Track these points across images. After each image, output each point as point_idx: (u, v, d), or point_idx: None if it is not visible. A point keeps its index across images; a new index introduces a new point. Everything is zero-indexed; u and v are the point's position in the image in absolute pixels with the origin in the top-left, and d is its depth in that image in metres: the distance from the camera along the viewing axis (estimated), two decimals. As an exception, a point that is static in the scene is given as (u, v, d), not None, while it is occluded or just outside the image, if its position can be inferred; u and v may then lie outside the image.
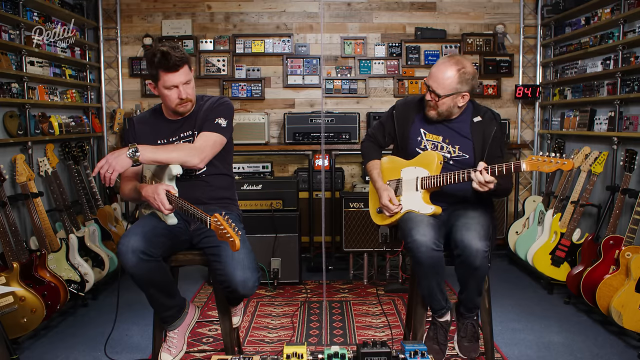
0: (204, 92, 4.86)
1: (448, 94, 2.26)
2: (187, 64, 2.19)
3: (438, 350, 2.30)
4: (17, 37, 3.53)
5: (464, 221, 2.21)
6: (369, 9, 4.90)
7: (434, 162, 2.31)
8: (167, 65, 2.14)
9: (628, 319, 2.87)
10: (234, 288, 2.06)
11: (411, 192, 2.36)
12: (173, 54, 2.12)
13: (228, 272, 2.06)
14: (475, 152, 2.34)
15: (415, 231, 2.14)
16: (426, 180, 2.30)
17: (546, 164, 2.01)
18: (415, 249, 2.12)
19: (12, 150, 3.43)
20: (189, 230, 2.30)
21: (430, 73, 2.31)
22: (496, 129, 2.34)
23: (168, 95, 2.21)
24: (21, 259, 2.94)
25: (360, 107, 4.89)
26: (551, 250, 3.73)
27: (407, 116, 2.45)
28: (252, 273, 2.08)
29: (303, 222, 4.31)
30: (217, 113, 2.27)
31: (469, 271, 2.15)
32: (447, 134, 2.38)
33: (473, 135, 2.35)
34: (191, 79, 2.24)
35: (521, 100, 4.90)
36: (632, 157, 3.23)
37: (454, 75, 2.24)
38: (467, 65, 2.28)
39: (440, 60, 2.32)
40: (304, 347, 1.82)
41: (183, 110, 2.27)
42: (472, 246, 2.09)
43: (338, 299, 3.71)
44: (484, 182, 2.11)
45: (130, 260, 2.02)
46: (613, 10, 3.74)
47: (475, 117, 2.37)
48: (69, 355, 2.84)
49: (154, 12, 4.87)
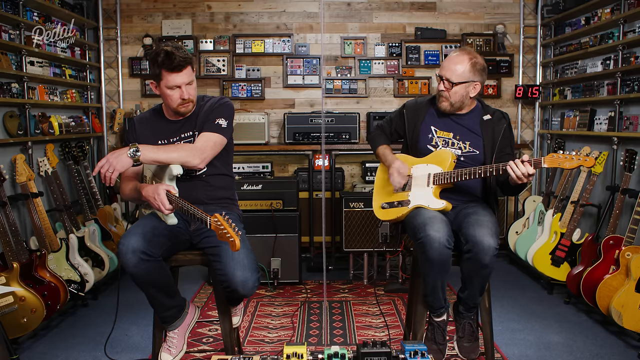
0: (204, 92, 4.87)
1: (461, 81, 2.31)
2: (190, 65, 2.19)
3: (437, 351, 2.30)
4: (17, 37, 3.53)
5: (474, 218, 2.20)
6: (369, 9, 4.90)
7: (448, 159, 2.32)
8: (171, 65, 2.14)
9: (628, 319, 2.87)
10: (234, 288, 2.06)
11: (421, 187, 2.36)
12: (177, 54, 2.12)
13: (228, 272, 2.05)
14: (485, 148, 2.37)
15: (429, 227, 2.11)
16: (439, 176, 2.31)
17: (567, 160, 2.06)
18: (428, 245, 2.09)
19: (12, 150, 3.43)
20: (189, 231, 2.30)
21: (443, 65, 2.38)
22: (506, 127, 2.39)
23: (170, 95, 2.21)
24: (21, 259, 2.94)
25: (360, 107, 4.89)
26: (551, 250, 3.73)
27: (417, 114, 2.48)
28: (252, 273, 2.08)
29: (303, 222, 4.31)
30: (218, 113, 2.27)
31: (477, 268, 2.14)
32: (458, 131, 2.41)
33: (483, 132, 2.38)
34: (193, 79, 2.24)
35: (521, 100, 4.90)
36: (632, 157, 3.24)
37: (467, 64, 2.31)
38: (479, 57, 2.36)
39: (452, 53, 2.40)
40: (304, 347, 1.82)
41: (184, 110, 2.27)
42: (484, 242, 2.08)
43: (338, 299, 3.71)
44: (526, 175, 2.09)
45: (131, 260, 2.02)
46: (613, 10, 3.74)
47: (485, 116, 2.42)
48: (69, 355, 2.84)
49: (154, 12, 4.87)
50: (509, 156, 2.33)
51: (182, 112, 2.28)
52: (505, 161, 2.20)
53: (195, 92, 2.28)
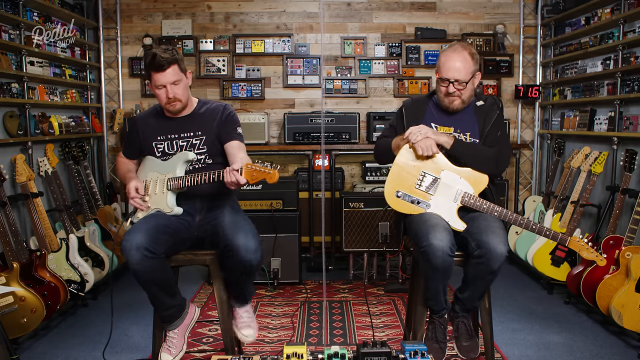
0: (203, 92, 4.87)
1: (469, 78, 2.32)
2: (175, 64, 2.27)
3: (438, 349, 2.30)
4: (17, 37, 3.53)
5: (485, 223, 2.19)
6: (369, 9, 4.90)
7: (483, 185, 2.28)
8: (154, 66, 2.24)
9: (628, 319, 2.87)
10: (236, 250, 2.11)
11: (447, 199, 2.27)
12: (160, 55, 2.23)
13: (230, 237, 2.14)
14: (480, 135, 2.39)
15: (432, 235, 2.09)
16: (469, 198, 2.25)
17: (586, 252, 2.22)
18: (431, 254, 2.08)
19: (12, 150, 3.43)
20: (193, 226, 2.34)
21: (447, 67, 2.32)
22: (498, 114, 2.40)
23: (158, 95, 2.32)
24: (21, 259, 2.94)
25: (360, 107, 4.89)
26: (551, 250, 3.73)
27: (416, 112, 2.46)
28: (254, 238, 2.16)
29: (303, 222, 4.31)
30: (236, 122, 2.43)
31: (485, 274, 2.14)
32: (457, 124, 2.41)
33: (477, 118, 2.40)
34: (181, 79, 2.31)
35: (521, 100, 4.90)
36: (632, 157, 3.23)
37: (469, 59, 2.32)
38: (470, 46, 2.39)
39: (448, 52, 2.35)
40: (304, 347, 1.83)
41: (172, 109, 2.36)
42: (497, 250, 2.08)
43: (338, 299, 3.71)
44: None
45: (134, 257, 2.05)
46: (613, 10, 3.74)
47: (478, 102, 2.44)
48: (68, 355, 2.84)
49: (154, 12, 4.87)
50: (494, 141, 2.35)
51: (170, 111, 2.37)
52: (489, 146, 2.32)
53: (185, 92, 2.35)
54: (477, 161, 2.29)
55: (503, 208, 2.25)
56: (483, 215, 2.26)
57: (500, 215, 2.23)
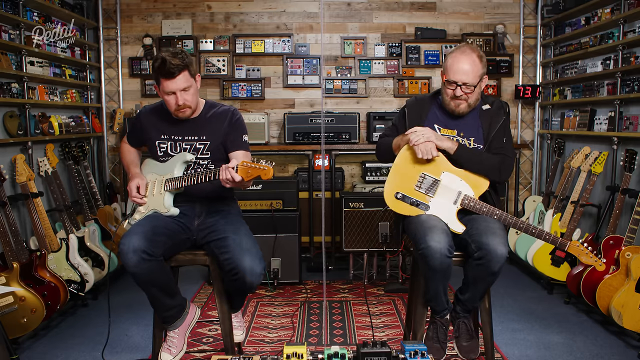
0: (203, 91, 4.87)
1: (478, 81, 2.28)
2: (186, 70, 2.20)
3: (439, 349, 2.30)
4: (17, 37, 3.53)
5: (485, 225, 2.18)
6: (369, 9, 4.90)
7: (483, 187, 2.27)
8: (164, 72, 2.17)
9: (628, 319, 2.87)
10: (242, 274, 2.10)
11: (447, 201, 2.26)
12: (170, 61, 2.15)
13: (236, 259, 2.11)
14: (485, 140, 2.35)
15: (430, 237, 2.09)
16: (469, 201, 2.24)
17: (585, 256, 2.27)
18: (429, 256, 2.08)
19: (12, 150, 3.43)
20: (191, 229, 2.32)
21: (454, 69, 2.26)
22: (504, 120, 2.35)
23: (167, 101, 2.26)
24: (21, 259, 2.94)
25: (360, 107, 4.89)
26: (551, 250, 3.73)
27: (419, 113, 2.42)
28: (259, 261, 2.14)
29: (303, 222, 4.31)
30: (243, 130, 2.39)
31: (485, 275, 2.14)
32: (461, 128, 2.37)
33: (482, 122, 2.35)
34: (191, 84, 2.24)
35: (521, 100, 4.90)
36: (632, 157, 3.23)
37: (478, 62, 2.26)
38: (478, 49, 2.34)
39: (456, 54, 2.29)
40: (304, 347, 1.83)
41: (182, 116, 2.30)
42: (498, 251, 2.08)
43: (338, 299, 3.71)
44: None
45: (132, 260, 2.04)
46: (613, 10, 3.74)
47: (484, 105, 2.39)
48: (68, 355, 2.84)
49: (154, 12, 4.87)
50: (498, 148, 2.32)
51: (179, 117, 2.31)
52: (493, 152, 2.28)
53: (194, 97, 2.29)
54: (480, 169, 2.27)
55: (503, 211, 2.24)
56: (484, 218, 2.25)
57: (500, 219, 2.23)
